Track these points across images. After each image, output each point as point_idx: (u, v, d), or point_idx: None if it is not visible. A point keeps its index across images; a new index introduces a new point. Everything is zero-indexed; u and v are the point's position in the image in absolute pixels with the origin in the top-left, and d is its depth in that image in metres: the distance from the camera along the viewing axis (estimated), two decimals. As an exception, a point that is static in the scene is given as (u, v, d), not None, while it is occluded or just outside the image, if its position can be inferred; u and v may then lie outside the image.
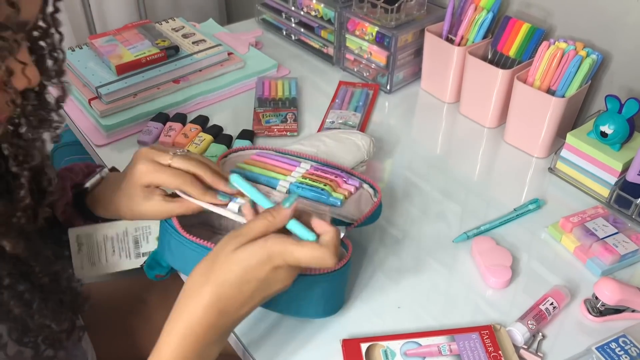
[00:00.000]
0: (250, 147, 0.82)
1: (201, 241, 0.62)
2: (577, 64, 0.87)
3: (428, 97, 1.09)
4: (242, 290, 0.52)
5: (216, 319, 0.52)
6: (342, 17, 1.09)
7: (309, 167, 0.75)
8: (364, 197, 0.73)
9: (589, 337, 0.65)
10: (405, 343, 0.63)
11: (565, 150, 0.87)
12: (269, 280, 0.53)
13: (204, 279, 0.52)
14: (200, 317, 0.51)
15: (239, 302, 0.52)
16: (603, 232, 0.75)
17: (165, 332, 0.53)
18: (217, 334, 0.53)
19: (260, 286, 0.53)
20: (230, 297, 0.52)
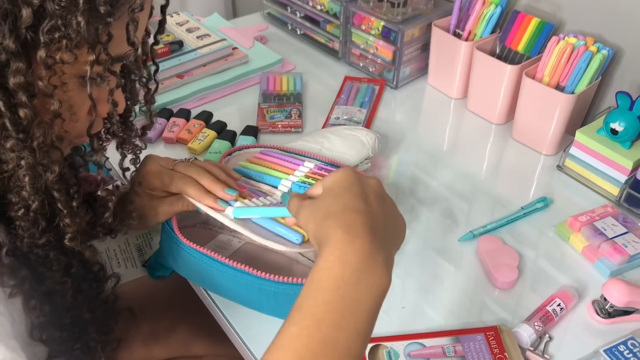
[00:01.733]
0: (254, 145, 0.81)
1: (194, 245, 0.62)
2: (587, 60, 0.85)
3: (435, 93, 1.07)
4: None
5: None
6: (348, 11, 1.08)
7: (313, 166, 0.74)
8: None
9: (596, 340, 0.64)
10: (409, 344, 0.62)
11: (574, 148, 0.86)
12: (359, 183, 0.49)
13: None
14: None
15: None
16: (612, 232, 0.74)
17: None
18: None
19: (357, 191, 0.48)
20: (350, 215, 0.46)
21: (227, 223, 0.62)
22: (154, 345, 0.77)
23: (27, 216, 0.48)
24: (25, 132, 0.45)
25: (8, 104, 0.43)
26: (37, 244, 0.50)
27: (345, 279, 0.42)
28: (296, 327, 0.41)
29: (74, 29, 0.42)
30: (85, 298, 0.57)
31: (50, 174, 0.47)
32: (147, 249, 0.76)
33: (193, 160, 0.68)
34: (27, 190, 0.47)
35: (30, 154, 0.45)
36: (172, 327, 0.79)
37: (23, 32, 0.42)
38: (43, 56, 0.43)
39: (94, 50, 0.45)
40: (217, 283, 0.64)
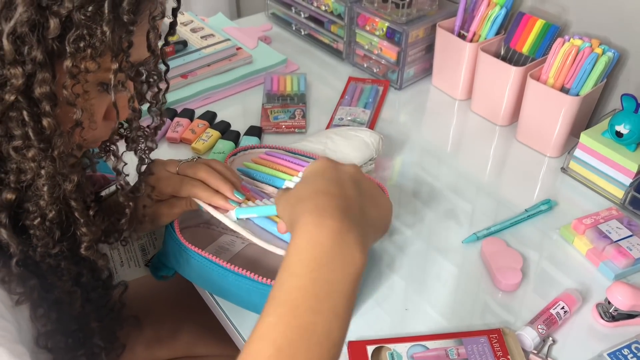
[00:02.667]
0: (259, 146, 0.81)
1: (196, 248, 0.62)
2: (592, 62, 0.85)
3: (439, 94, 1.07)
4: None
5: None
6: (353, 12, 1.08)
7: None
8: None
9: (600, 343, 0.64)
10: (412, 346, 0.62)
11: (578, 150, 0.85)
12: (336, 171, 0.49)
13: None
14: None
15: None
16: (617, 235, 0.74)
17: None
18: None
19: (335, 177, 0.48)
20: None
21: (229, 225, 0.62)
22: (157, 346, 0.77)
23: (43, 225, 0.48)
24: (47, 141, 0.45)
25: (32, 114, 0.44)
26: (50, 253, 0.50)
27: (317, 261, 0.41)
28: (272, 317, 0.40)
29: (99, 38, 0.43)
30: (93, 307, 0.58)
31: (69, 183, 0.48)
32: (151, 249, 0.76)
33: (197, 160, 0.68)
34: (45, 200, 0.47)
35: (50, 164, 0.46)
36: (175, 328, 0.79)
37: (50, 42, 0.42)
38: (69, 66, 0.43)
39: (117, 58, 0.45)
40: (219, 286, 0.64)
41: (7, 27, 0.41)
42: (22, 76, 0.42)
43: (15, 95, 0.42)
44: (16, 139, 0.44)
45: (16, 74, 0.42)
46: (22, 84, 0.42)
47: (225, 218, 0.62)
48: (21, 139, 0.44)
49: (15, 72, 0.42)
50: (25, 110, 0.43)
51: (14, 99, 0.42)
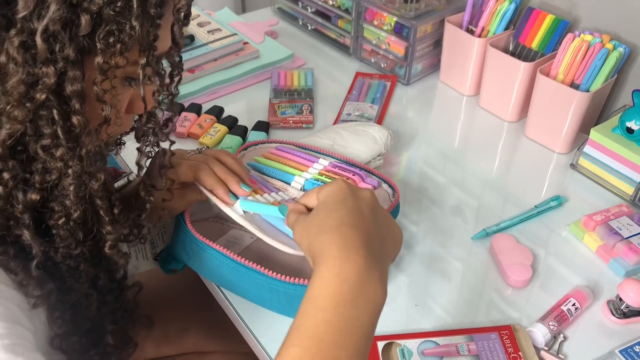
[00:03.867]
0: (270, 141, 0.81)
1: (206, 240, 0.62)
2: (603, 58, 0.84)
3: (447, 90, 1.07)
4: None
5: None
6: (360, 6, 1.07)
7: (327, 163, 0.74)
8: (381, 197, 0.71)
9: (612, 340, 0.63)
10: (423, 342, 0.62)
11: (588, 146, 0.85)
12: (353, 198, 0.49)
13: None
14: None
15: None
16: (627, 232, 0.73)
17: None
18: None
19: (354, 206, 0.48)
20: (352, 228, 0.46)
21: (236, 218, 0.62)
22: (165, 344, 0.77)
23: (67, 225, 0.48)
24: (76, 140, 0.45)
25: (62, 112, 0.43)
26: (72, 254, 0.50)
27: (343, 296, 0.42)
28: (298, 348, 0.40)
29: (128, 33, 0.43)
30: (109, 309, 0.57)
31: (95, 182, 0.47)
32: (159, 242, 0.75)
33: (205, 150, 0.67)
34: (71, 199, 0.47)
35: (78, 163, 0.45)
36: (184, 325, 0.79)
37: (81, 39, 0.42)
38: (100, 62, 0.43)
39: (145, 52, 0.45)
40: (228, 279, 0.63)
41: (40, 26, 0.40)
42: (54, 75, 0.42)
43: (47, 94, 0.42)
44: (45, 137, 0.44)
45: (48, 72, 0.41)
46: (54, 83, 0.42)
47: (231, 211, 0.62)
48: (50, 138, 0.44)
49: (48, 71, 0.41)
50: (55, 109, 0.43)
51: (45, 97, 0.42)
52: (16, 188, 0.45)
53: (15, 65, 0.41)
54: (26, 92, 0.42)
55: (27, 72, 0.41)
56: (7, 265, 0.46)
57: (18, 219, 0.46)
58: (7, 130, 0.43)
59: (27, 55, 0.41)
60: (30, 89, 0.42)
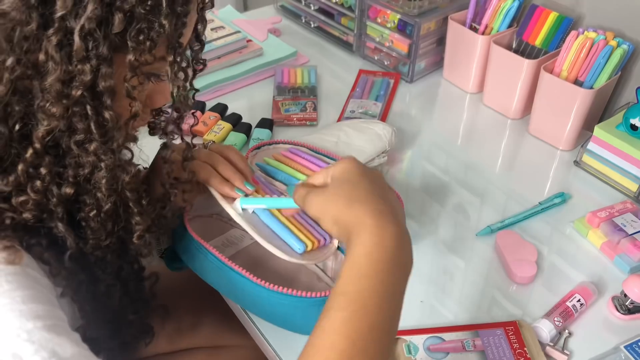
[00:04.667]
0: (284, 141, 0.80)
1: (200, 239, 0.62)
2: (607, 55, 0.84)
3: (450, 87, 1.07)
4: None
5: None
6: (364, 4, 1.07)
7: None
8: None
9: (617, 336, 0.64)
10: (429, 338, 0.62)
11: (592, 143, 0.85)
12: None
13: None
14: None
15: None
16: (632, 228, 0.73)
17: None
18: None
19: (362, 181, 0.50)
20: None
21: (233, 216, 0.61)
22: (178, 336, 0.77)
23: (98, 217, 0.49)
24: (107, 134, 0.46)
25: (95, 108, 0.45)
26: (101, 245, 0.51)
27: (384, 263, 0.45)
28: (345, 312, 0.43)
29: (157, 30, 0.44)
30: (130, 300, 0.58)
31: (126, 175, 0.49)
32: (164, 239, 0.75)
33: (211, 145, 0.68)
34: (103, 192, 0.48)
35: (111, 156, 0.47)
36: (196, 319, 0.79)
37: (113, 37, 0.43)
38: (132, 60, 0.44)
39: (173, 49, 0.47)
40: (218, 282, 0.63)
41: (77, 25, 0.41)
42: (90, 72, 0.43)
43: (82, 91, 0.43)
44: (78, 133, 0.45)
45: (84, 70, 0.43)
46: (90, 80, 0.43)
47: (230, 208, 0.62)
48: (83, 133, 0.45)
49: (84, 68, 0.43)
50: (89, 105, 0.44)
51: (80, 94, 0.43)
52: (52, 182, 0.46)
53: (54, 64, 0.42)
54: (63, 89, 0.43)
55: (64, 70, 0.42)
56: (41, 256, 0.47)
57: (52, 211, 0.47)
58: (45, 127, 0.44)
59: (64, 54, 0.42)
60: (66, 86, 0.43)
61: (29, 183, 0.45)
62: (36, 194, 0.46)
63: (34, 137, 0.44)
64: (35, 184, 0.45)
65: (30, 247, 0.47)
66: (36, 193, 0.46)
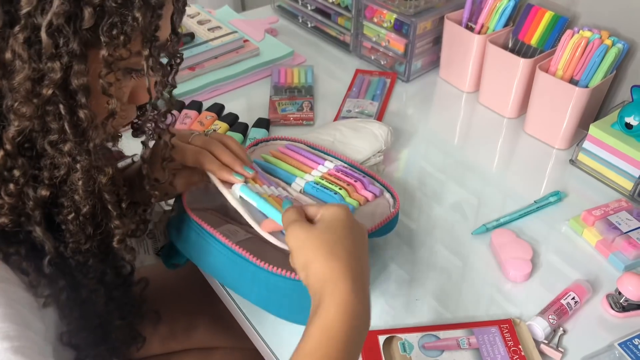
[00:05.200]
0: (282, 138, 0.80)
1: (198, 219, 0.61)
2: (602, 54, 0.84)
3: (446, 86, 1.07)
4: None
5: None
6: (360, 3, 1.07)
7: (333, 167, 0.73)
8: (381, 206, 0.70)
9: (611, 333, 0.64)
10: (424, 336, 0.62)
11: (587, 142, 0.85)
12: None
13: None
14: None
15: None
16: (627, 226, 0.74)
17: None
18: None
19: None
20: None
21: (231, 201, 0.61)
22: (171, 338, 0.77)
23: (77, 220, 0.48)
24: (83, 134, 0.45)
25: (68, 107, 0.43)
26: (81, 249, 0.50)
27: (353, 328, 0.46)
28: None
29: (130, 24, 0.43)
30: (116, 305, 0.58)
31: (103, 176, 0.47)
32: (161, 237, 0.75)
33: (211, 133, 0.67)
34: (80, 194, 0.47)
35: (86, 157, 0.45)
36: (190, 322, 0.79)
37: (84, 33, 0.42)
38: (105, 55, 0.43)
39: (148, 43, 0.45)
40: (214, 263, 0.63)
41: (44, 21, 0.40)
42: (60, 70, 0.42)
43: (53, 89, 0.42)
44: (52, 133, 0.44)
45: (54, 67, 0.41)
46: (60, 78, 0.42)
47: (227, 193, 0.61)
48: (57, 133, 0.44)
49: (54, 66, 0.41)
50: (62, 104, 0.43)
51: (52, 92, 0.42)
52: (27, 185, 0.45)
53: (21, 62, 0.41)
54: (32, 88, 0.42)
55: (33, 68, 0.41)
56: (20, 266, 0.46)
57: (29, 215, 0.46)
58: (15, 127, 0.43)
59: (32, 51, 0.41)
60: (36, 85, 0.42)
61: (2, 186, 0.44)
62: (10, 197, 0.44)
63: (4, 138, 0.43)
64: (9, 187, 0.44)
65: (8, 256, 0.46)
66: (10, 197, 0.44)
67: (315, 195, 0.69)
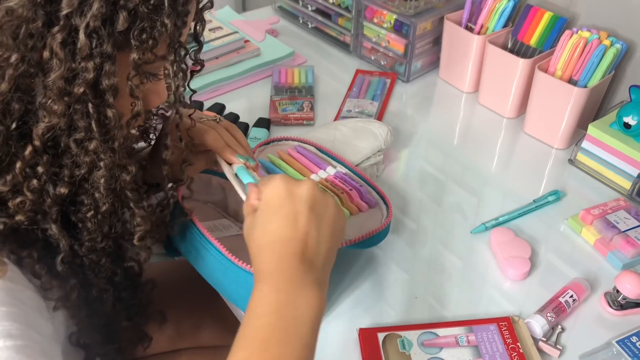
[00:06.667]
0: (293, 138, 0.80)
1: (185, 206, 0.62)
2: (600, 54, 0.85)
3: (446, 87, 1.08)
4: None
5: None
6: (360, 4, 1.08)
7: (333, 173, 0.74)
8: (372, 218, 0.70)
9: (609, 331, 0.64)
10: (423, 333, 0.63)
11: (586, 142, 0.86)
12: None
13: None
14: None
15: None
16: (625, 225, 0.74)
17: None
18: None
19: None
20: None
21: (230, 177, 0.61)
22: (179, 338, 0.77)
23: (95, 218, 0.49)
24: (108, 133, 0.46)
25: (96, 106, 0.45)
26: (97, 247, 0.50)
27: (280, 302, 0.44)
28: (244, 352, 0.42)
29: (159, 29, 0.45)
30: (123, 305, 0.58)
31: (126, 174, 0.49)
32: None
33: (221, 121, 0.67)
34: (101, 192, 0.48)
35: (110, 156, 0.47)
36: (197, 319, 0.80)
37: (117, 36, 0.43)
38: (135, 58, 0.45)
39: (174, 49, 0.47)
40: (196, 251, 0.63)
41: (83, 22, 0.42)
42: (93, 70, 0.43)
43: (85, 88, 0.43)
44: (79, 131, 0.45)
45: (88, 67, 0.43)
46: (92, 78, 0.43)
47: (229, 169, 0.62)
48: (84, 131, 0.45)
49: (87, 66, 0.43)
50: (91, 103, 0.44)
51: (82, 91, 0.43)
52: (48, 181, 0.46)
53: (58, 61, 0.42)
54: (65, 86, 0.43)
55: (68, 67, 0.43)
56: (33, 269, 0.47)
57: (46, 212, 0.47)
58: (45, 124, 0.44)
59: (67, 51, 0.43)
60: (68, 84, 0.43)
61: (26, 182, 0.45)
62: (32, 193, 0.45)
63: (34, 134, 0.44)
64: (32, 182, 0.45)
65: (20, 260, 0.46)
66: (32, 193, 0.45)
67: None
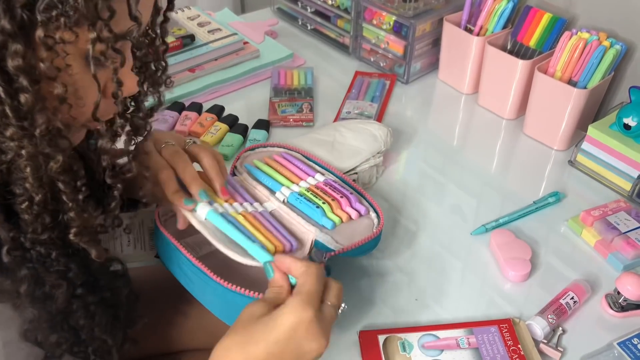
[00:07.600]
0: (280, 145, 0.79)
1: (161, 226, 0.61)
2: (600, 55, 0.85)
3: (446, 88, 1.08)
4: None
5: None
6: (359, 6, 1.08)
7: (322, 180, 0.71)
8: (363, 226, 0.67)
9: (610, 333, 0.64)
10: (423, 335, 0.62)
11: (586, 143, 0.86)
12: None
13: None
14: None
15: None
16: (625, 227, 0.74)
17: None
18: None
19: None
20: None
21: (194, 223, 0.59)
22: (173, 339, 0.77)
23: (31, 209, 0.46)
24: (26, 119, 0.42)
25: (8, 90, 0.41)
26: (40, 239, 0.48)
27: None
28: None
29: (71, 5, 0.40)
30: (82, 303, 0.54)
31: (53, 163, 0.45)
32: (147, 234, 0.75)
33: (191, 145, 0.64)
34: (30, 182, 0.45)
35: (30, 143, 0.43)
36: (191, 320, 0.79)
37: (18, 11, 0.39)
38: (41, 36, 0.40)
39: (94, 27, 0.42)
40: (178, 266, 0.62)
41: None
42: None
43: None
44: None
45: None
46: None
47: (190, 215, 0.59)
48: (1, 117, 0.41)
49: None
50: (1, 87, 0.41)
51: None
52: None
53: None
54: None
55: None
56: None
57: None
58: None
59: None
60: None
61: None
62: None
63: None
64: None
65: None
66: None
67: (297, 206, 0.67)
